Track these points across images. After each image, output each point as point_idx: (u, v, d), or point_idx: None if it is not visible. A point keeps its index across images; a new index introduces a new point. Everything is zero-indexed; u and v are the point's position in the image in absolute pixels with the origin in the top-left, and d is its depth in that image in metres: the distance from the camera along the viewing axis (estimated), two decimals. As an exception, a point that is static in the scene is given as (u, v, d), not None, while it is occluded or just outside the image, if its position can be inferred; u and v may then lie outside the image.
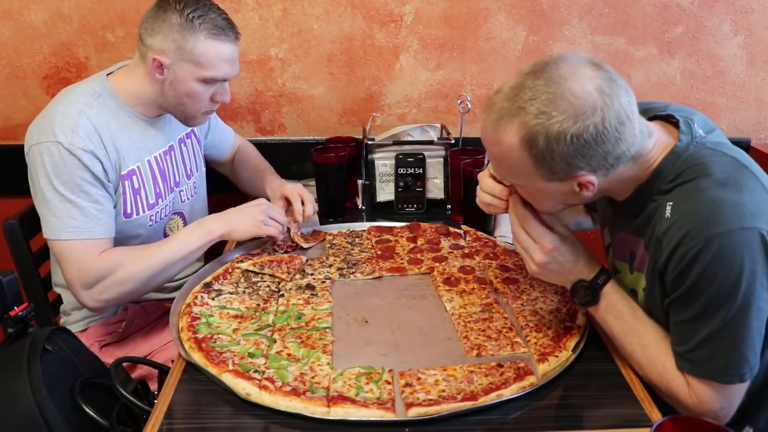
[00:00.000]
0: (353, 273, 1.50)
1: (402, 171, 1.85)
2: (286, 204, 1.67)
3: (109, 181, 1.47)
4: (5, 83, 2.07)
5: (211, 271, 1.48)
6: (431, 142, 1.90)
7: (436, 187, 1.90)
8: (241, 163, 1.92)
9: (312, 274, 1.49)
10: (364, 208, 1.90)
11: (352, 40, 2.08)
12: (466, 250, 1.60)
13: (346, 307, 1.36)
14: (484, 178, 1.30)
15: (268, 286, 1.43)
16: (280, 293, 1.41)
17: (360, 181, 1.89)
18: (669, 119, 1.18)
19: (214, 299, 1.36)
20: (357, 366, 1.15)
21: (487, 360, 1.17)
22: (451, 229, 1.71)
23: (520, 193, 1.20)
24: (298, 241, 1.62)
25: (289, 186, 1.70)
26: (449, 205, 1.89)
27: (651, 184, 1.13)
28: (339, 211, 1.85)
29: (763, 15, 2.09)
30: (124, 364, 1.40)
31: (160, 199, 1.60)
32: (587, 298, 1.19)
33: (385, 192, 1.91)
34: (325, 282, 1.45)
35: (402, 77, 2.12)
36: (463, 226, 1.70)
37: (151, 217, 1.59)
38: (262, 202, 1.56)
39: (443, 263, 1.53)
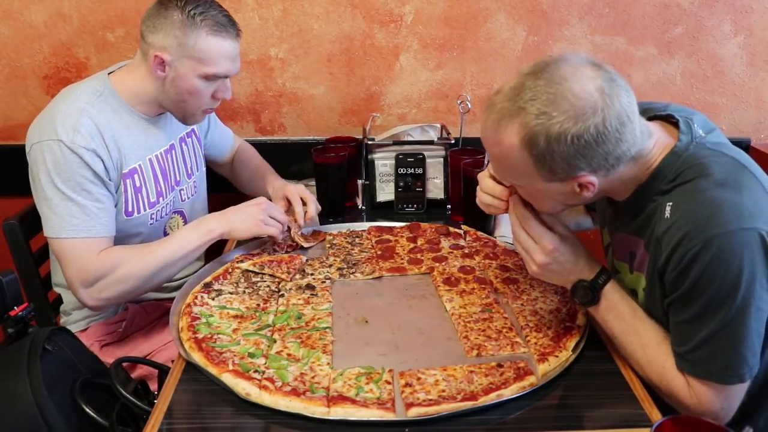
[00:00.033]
0: (353, 273, 1.50)
1: (402, 171, 1.85)
2: (288, 204, 1.67)
3: (110, 180, 1.47)
4: (5, 83, 2.07)
5: (211, 271, 1.48)
6: (431, 142, 1.90)
7: (436, 187, 1.90)
8: (241, 163, 1.92)
9: (312, 274, 1.49)
10: (364, 208, 1.90)
11: (352, 40, 2.08)
12: (466, 250, 1.60)
13: (346, 307, 1.36)
14: (483, 179, 1.30)
15: (268, 286, 1.43)
16: (280, 293, 1.41)
17: (360, 181, 1.89)
18: (669, 119, 1.18)
19: (214, 299, 1.36)
20: (357, 366, 1.15)
21: (487, 360, 1.17)
22: (451, 229, 1.71)
23: (521, 193, 1.20)
24: (299, 241, 1.62)
25: (291, 187, 1.70)
26: (449, 205, 1.89)
27: (651, 185, 1.13)
28: (339, 211, 1.85)
29: (763, 15, 2.09)
30: (124, 364, 1.40)
31: (161, 198, 1.60)
32: (588, 298, 1.19)
33: (385, 192, 1.91)
34: (325, 282, 1.45)
35: (402, 77, 2.12)
36: (463, 226, 1.70)
37: (152, 216, 1.59)
38: (263, 200, 1.56)
39: (443, 263, 1.53)
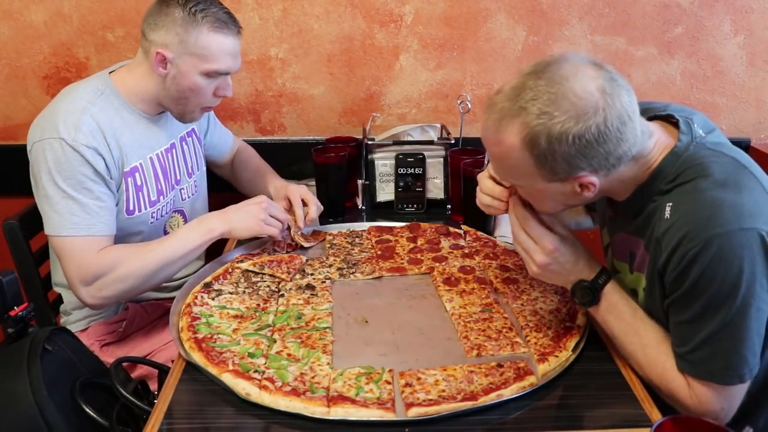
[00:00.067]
0: (353, 273, 1.50)
1: (402, 171, 1.85)
2: (289, 204, 1.66)
3: (111, 178, 1.47)
4: (5, 83, 2.07)
5: (211, 271, 1.48)
6: (431, 142, 1.90)
7: (436, 187, 1.90)
8: (242, 163, 1.92)
9: (312, 274, 1.49)
10: (364, 208, 1.90)
11: (352, 40, 2.08)
12: (466, 250, 1.60)
13: (346, 307, 1.36)
14: (483, 180, 1.30)
15: (268, 286, 1.43)
16: (280, 293, 1.41)
17: (360, 181, 1.88)
18: (669, 119, 1.18)
19: (214, 299, 1.36)
20: (357, 366, 1.15)
21: (487, 360, 1.17)
22: (451, 229, 1.71)
23: (521, 193, 1.20)
24: (299, 241, 1.62)
25: (293, 187, 1.69)
26: (449, 205, 1.89)
27: (651, 185, 1.13)
28: (339, 211, 1.85)
29: (763, 15, 2.09)
30: (124, 364, 1.40)
31: (161, 197, 1.60)
32: (588, 299, 1.19)
33: (385, 192, 1.91)
34: (325, 282, 1.45)
35: (402, 77, 2.12)
36: (463, 226, 1.70)
37: (153, 214, 1.59)
38: (263, 199, 1.55)
39: (443, 263, 1.53)
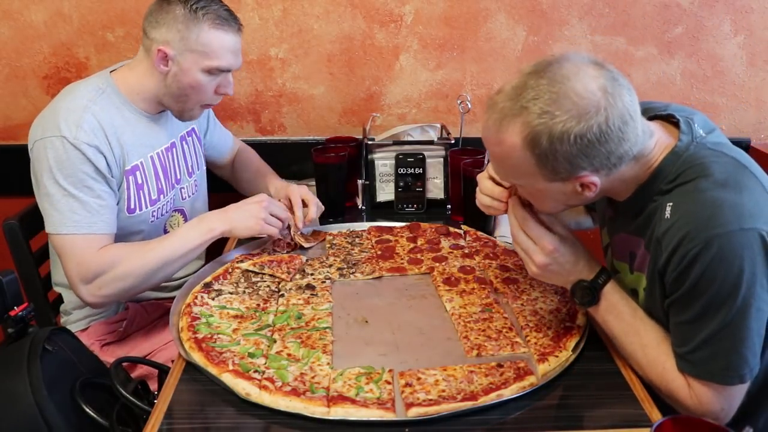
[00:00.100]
0: (353, 273, 1.50)
1: (402, 171, 1.85)
2: (289, 204, 1.65)
3: (112, 177, 1.47)
4: (5, 83, 2.07)
5: (211, 271, 1.48)
6: (431, 142, 1.90)
7: (436, 187, 1.90)
8: (242, 164, 1.92)
9: (312, 274, 1.49)
10: (364, 208, 1.90)
11: (352, 40, 2.08)
12: (466, 250, 1.60)
13: (346, 307, 1.36)
14: (483, 180, 1.29)
15: (268, 286, 1.43)
16: (280, 293, 1.40)
17: (360, 181, 1.88)
18: (669, 119, 1.18)
19: (214, 299, 1.36)
20: (357, 366, 1.15)
21: (487, 360, 1.17)
22: (451, 229, 1.71)
23: (521, 193, 1.20)
24: (299, 241, 1.62)
25: (294, 187, 1.68)
26: (449, 205, 1.89)
27: (651, 184, 1.13)
28: (339, 211, 1.85)
29: (763, 15, 2.09)
30: (124, 364, 1.40)
31: (161, 195, 1.60)
32: (588, 299, 1.19)
33: (385, 192, 1.91)
34: (325, 282, 1.45)
35: (402, 77, 2.12)
36: (463, 226, 1.70)
37: (153, 213, 1.59)
38: (264, 198, 1.55)
39: (443, 263, 1.53)
